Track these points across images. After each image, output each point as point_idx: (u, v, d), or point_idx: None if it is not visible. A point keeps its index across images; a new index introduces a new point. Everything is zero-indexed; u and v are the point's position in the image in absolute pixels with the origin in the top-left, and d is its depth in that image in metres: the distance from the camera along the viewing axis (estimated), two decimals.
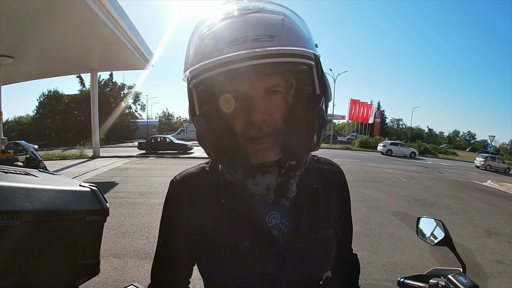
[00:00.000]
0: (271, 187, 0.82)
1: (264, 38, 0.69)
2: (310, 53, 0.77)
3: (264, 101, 0.78)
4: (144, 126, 65.55)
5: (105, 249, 4.92)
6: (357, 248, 5.34)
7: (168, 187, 0.96)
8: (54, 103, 52.22)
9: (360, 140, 44.70)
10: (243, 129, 0.79)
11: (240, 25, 0.72)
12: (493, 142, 32.95)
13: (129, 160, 19.22)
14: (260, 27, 0.71)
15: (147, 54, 18.27)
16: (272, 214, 0.89)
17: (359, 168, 18.27)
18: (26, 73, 18.36)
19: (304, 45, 0.75)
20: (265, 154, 0.79)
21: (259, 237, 0.85)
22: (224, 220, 0.86)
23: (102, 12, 11.74)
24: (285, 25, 0.73)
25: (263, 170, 0.82)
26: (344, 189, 1.08)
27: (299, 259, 0.87)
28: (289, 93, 0.83)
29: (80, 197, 1.99)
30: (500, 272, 5.01)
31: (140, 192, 9.40)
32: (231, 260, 0.84)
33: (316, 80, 0.80)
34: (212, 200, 0.89)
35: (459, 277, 1.01)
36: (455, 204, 10.06)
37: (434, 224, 1.34)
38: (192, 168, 0.99)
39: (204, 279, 0.94)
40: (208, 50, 0.73)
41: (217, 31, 0.74)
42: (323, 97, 0.81)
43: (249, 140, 0.80)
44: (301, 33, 0.76)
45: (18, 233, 1.56)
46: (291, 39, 0.73)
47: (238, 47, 0.69)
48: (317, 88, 0.80)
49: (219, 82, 0.75)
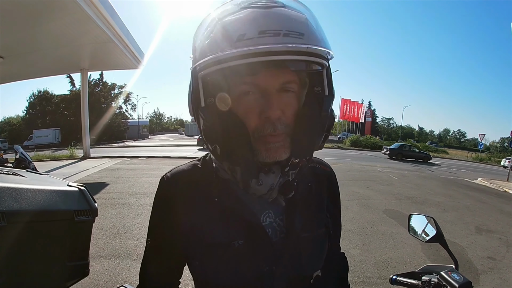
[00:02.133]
0: (274, 187, 0.80)
1: (295, 35, 0.68)
2: (329, 54, 0.77)
3: (280, 98, 0.76)
4: (135, 126, 65.10)
5: (96, 250, 4.89)
6: (348, 246, 5.38)
7: (158, 184, 0.94)
8: (44, 103, 51.81)
9: (351, 139, 44.91)
10: (256, 125, 0.76)
11: (269, 17, 0.70)
12: (483, 141, 33.25)
13: (120, 160, 19.05)
14: (290, 22, 0.70)
15: (138, 54, 18.12)
16: (266, 213, 0.88)
17: (350, 167, 18.34)
18: (16, 73, 18.14)
19: (326, 46, 0.74)
20: (276, 154, 0.77)
21: (253, 236, 0.84)
22: (217, 219, 0.84)
23: (92, 11, 11.61)
24: (309, 24, 0.72)
25: (265, 170, 0.79)
26: (335, 189, 1.07)
27: (292, 258, 0.86)
28: (302, 92, 0.83)
29: (68, 197, 1.97)
30: (492, 268, 5.05)
31: (131, 193, 9.32)
32: (224, 259, 0.83)
33: (325, 81, 0.80)
34: (205, 198, 0.87)
35: (452, 274, 1.01)
36: (446, 202, 10.15)
37: (426, 221, 1.34)
38: (183, 165, 0.97)
39: (196, 279, 0.91)
40: (233, 38, 0.68)
41: (241, 18, 0.71)
42: (332, 98, 0.81)
43: (260, 138, 0.77)
44: (322, 34, 0.76)
45: (4, 234, 1.54)
46: (317, 38, 0.72)
47: (269, 39, 0.66)
48: (326, 89, 0.80)
49: (237, 73, 0.72)
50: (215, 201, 0.85)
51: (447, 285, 0.99)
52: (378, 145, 42.05)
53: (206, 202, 0.86)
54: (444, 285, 1.00)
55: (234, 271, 0.83)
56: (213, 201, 0.86)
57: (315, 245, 0.91)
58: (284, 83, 0.76)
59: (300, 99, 0.82)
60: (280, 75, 0.75)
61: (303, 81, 0.82)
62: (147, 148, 30.84)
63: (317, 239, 0.92)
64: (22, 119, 54.98)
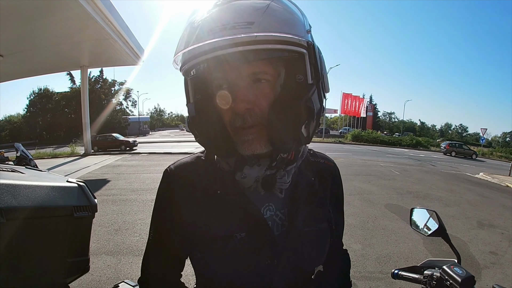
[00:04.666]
0: (259, 180, 0.81)
1: (242, 25, 0.68)
2: (297, 39, 0.74)
3: (249, 89, 0.76)
4: (135, 122, 65.44)
5: (98, 247, 4.91)
6: (350, 241, 5.39)
7: (162, 176, 0.94)
8: (45, 101, 51.98)
9: (352, 133, 44.94)
10: (229, 119, 0.79)
11: (223, 13, 0.71)
12: (485, 135, 33.29)
13: (121, 157, 19.12)
14: (240, 14, 0.70)
15: (138, 50, 18.10)
16: (267, 206, 0.87)
17: (352, 162, 18.34)
18: (16, 71, 18.15)
19: (291, 32, 0.72)
20: (251, 146, 0.78)
21: (255, 228, 0.83)
22: (220, 211, 0.84)
23: (91, 7, 11.59)
24: (269, 10, 0.71)
25: (252, 162, 0.81)
26: (338, 184, 1.07)
27: (294, 252, 0.85)
28: (277, 81, 0.80)
29: (67, 193, 1.97)
30: (494, 263, 5.04)
31: (133, 189, 9.35)
32: (227, 251, 0.82)
33: (308, 68, 0.77)
34: (208, 190, 0.87)
35: (454, 268, 1.00)
36: (447, 196, 10.13)
37: (428, 215, 1.33)
38: (186, 158, 0.97)
39: (197, 271, 0.91)
40: (191, 39, 0.73)
41: (201, 20, 0.73)
42: (314, 86, 0.78)
43: (235, 131, 0.79)
44: (289, 19, 0.74)
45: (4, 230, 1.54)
46: (273, 25, 0.70)
47: (215, 35, 0.68)
48: (309, 77, 0.78)
49: (205, 70, 0.77)
50: (217, 193, 0.85)
51: (450, 279, 0.98)
52: (379, 140, 42.02)
53: (209, 195, 0.86)
54: (447, 279, 0.99)
55: (236, 264, 0.82)
56: (216, 193, 0.86)
57: (316, 240, 0.91)
58: (253, 73, 0.76)
59: (277, 89, 0.80)
60: (245, 66, 0.75)
61: (277, 70, 0.80)
62: (148, 144, 30.95)
63: (319, 234, 0.91)
64: (23, 117, 55.08)
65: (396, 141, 43.19)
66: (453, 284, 0.96)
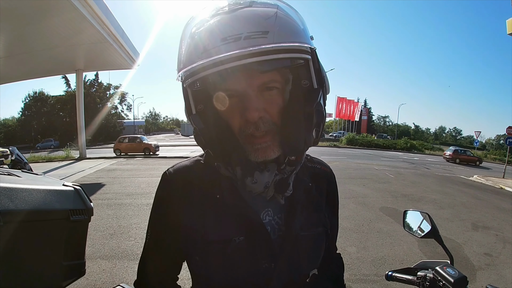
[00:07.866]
0: (269, 185, 0.82)
1: (258, 35, 0.67)
2: (305, 47, 0.75)
3: (259, 98, 0.76)
4: (130, 126, 65.13)
5: (93, 251, 4.88)
6: (345, 244, 5.40)
7: (160, 180, 0.94)
8: (40, 104, 51.73)
9: (347, 137, 44.99)
10: (240, 126, 0.79)
11: (232, 21, 0.70)
12: (479, 138, 33.39)
13: (116, 161, 19.04)
14: (252, 23, 0.69)
15: (133, 54, 18.10)
16: (266, 211, 0.88)
17: (347, 165, 18.40)
18: (11, 74, 18.09)
19: (300, 39, 0.73)
20: (265, 153, 0.79)
21: (253, 233, 0.84)
22: (218, 215, 0.85)
23: (86, 10, 11.58)
24: (278, 19, 0.71)
25: (261, 168, 0.81)
26: (334, 190, 1.08)
27: (290, 256, 0.86)
28: (285, 88, 0.82)
29: (63, 197, 1.97)
30: (488, 264, 5.07)
31: (128, 193, 9.30)
32: (225, 255, 0.82)
33: (313, 74, 0.78)
34: (207, 194, 0.87)
35: (447, 269, 1.01)
36: (442, 199, 10.19)
37: (421, 217, 1.34)
38: (185, 161, 0.97)
39: (195, 274, 0.92)
40: (200, 49, 0.71)
41: (208, 28, 0.71)
42: (320, 91, 0.79)
43: (247, 138, 0.79)
44: (296, 26, 0.74)
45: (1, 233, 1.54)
46: (286, 33, 0.70)
47: (230, 46, 0.67)
48: (314, 82, 0.79)
49: (214, 81, 0.74)
50: (217, 197, 0.86)
51: (442, 280, 0.99)
52: (374, 144, 42.14)
53: (208, 199, 0.86)
54: (440, 280, 1.00)
55: (234, 267, 0.83)
56: (215, 197, 0.86)
57: (313, 244, 0.92)
58: (263, 83, 0.76)
59: (286, 96, 0.82)
60: (256, 76, 0.75)
61: (285, 77, 0.81)
62: None
63: (315, 238, 0.92)
64: (18, 121, 54.64)
65: (391, 145, 43.25)
66: (446, 284, 0.97)
